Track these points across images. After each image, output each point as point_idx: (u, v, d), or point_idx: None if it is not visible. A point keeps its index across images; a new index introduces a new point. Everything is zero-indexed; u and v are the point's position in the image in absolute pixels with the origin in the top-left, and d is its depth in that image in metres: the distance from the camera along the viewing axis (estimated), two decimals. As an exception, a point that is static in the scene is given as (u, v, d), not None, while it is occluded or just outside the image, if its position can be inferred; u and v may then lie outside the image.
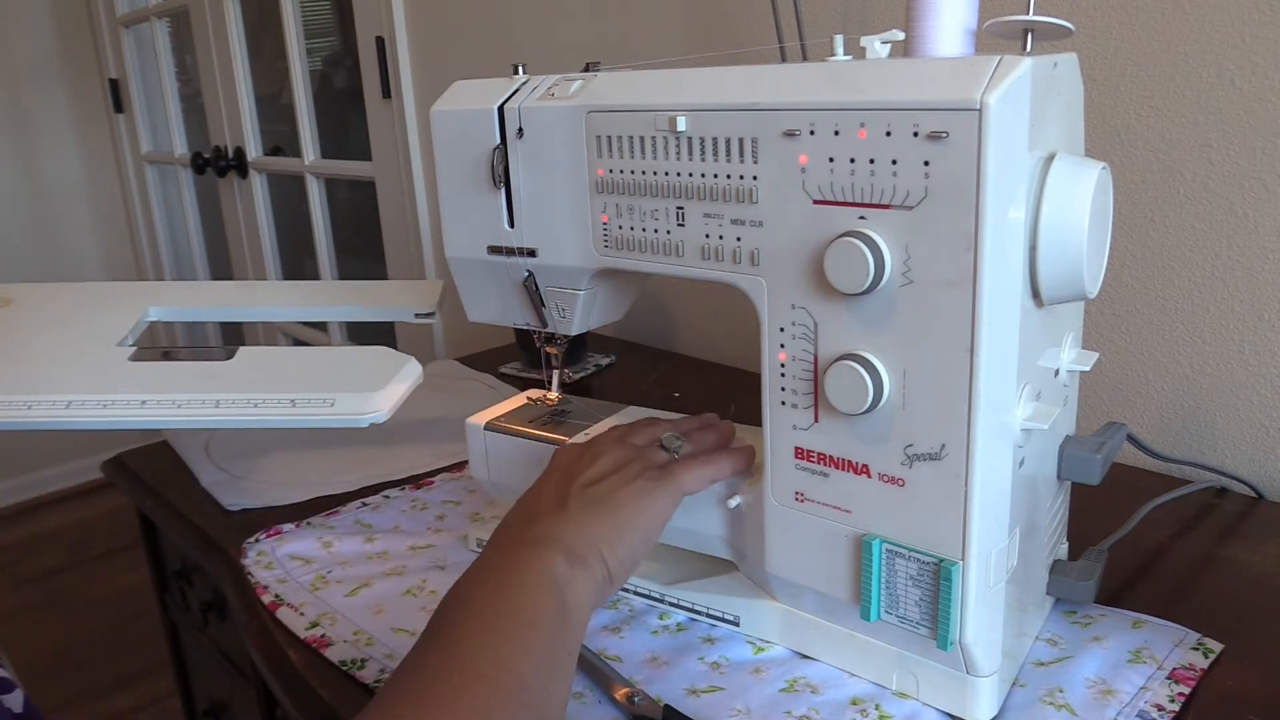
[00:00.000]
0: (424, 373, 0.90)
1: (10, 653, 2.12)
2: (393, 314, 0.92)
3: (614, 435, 0.61)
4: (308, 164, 2.06)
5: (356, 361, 0.78)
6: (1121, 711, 0.54)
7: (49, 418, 0.70)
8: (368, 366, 0.76)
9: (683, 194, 0.56)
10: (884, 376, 0.50)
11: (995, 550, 0.51)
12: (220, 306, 0.93)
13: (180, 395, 0.71)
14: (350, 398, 0.71)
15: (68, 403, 0.71)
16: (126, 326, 0.85)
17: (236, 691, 1.05)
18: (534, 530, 0.52)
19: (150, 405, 0.71)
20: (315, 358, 0.79)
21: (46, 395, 0.72)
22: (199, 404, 0.70)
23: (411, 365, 0.76)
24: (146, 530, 1.15)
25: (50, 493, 3.06)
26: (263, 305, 0.94)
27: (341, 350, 0.79)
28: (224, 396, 0.71)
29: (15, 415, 0.71)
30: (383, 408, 0.71)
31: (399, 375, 0.75)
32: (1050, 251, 0.49)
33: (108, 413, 0.70)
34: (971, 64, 0.46)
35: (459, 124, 0.66)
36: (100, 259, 3.09)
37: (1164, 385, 0.86)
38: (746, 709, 0.57)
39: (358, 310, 0.92)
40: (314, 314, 0.96)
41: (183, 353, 0.80)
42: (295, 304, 0.94)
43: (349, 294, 0.95)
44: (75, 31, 2.93)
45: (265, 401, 0.71)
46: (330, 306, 0.94)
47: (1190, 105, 0.80)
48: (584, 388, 1.16)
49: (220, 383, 0.73)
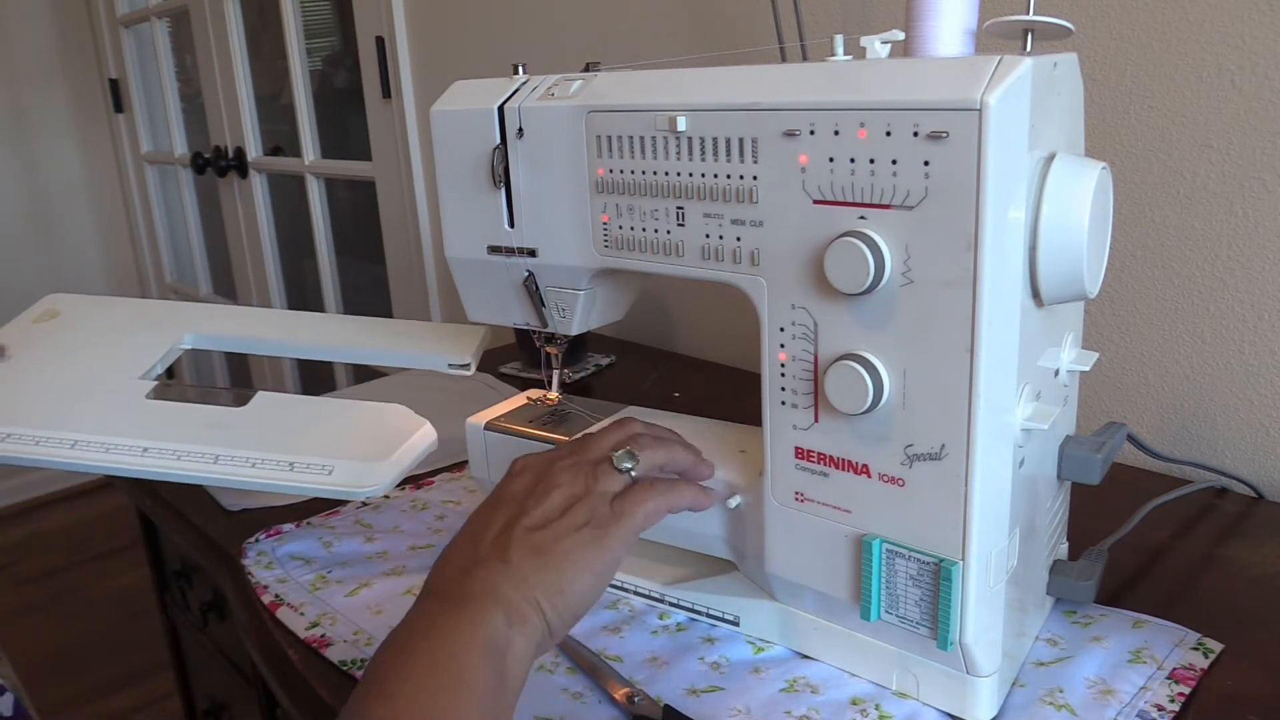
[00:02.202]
0: (424, 372, 0.89)
1: (10, 653, 2.12)
2: (426, 360, 0.87)
3: (570, 452, 0.57)
4: (308, 164, 2.06)
5: (370, 421, 0.75)
6: (1121, 711, 0.54)
7: (53, 456, 0.72)
8: (380, 428, 0.74)
9: (683, 194, 0.56)
10: (884, 376, 0.50)
11: (995, 550, 0.51)
12: (254, 338, 0.91)
13: (181, 446, 0.72)
14: (351, 466, 0.69)
15: (73, 443, 0.72)
16: (158, 353, 0.85)
17: (236, 691, 1.05)
18: (474, 582, 0.49)
19: (150, 454, 0.71)
20: (328, 412, 0.77)
21: (55, 432, 0.73)
22: (198, 457, 0.71)
23: (425, 431, 0.73)
24: (146, 530, 1.15)
25: (50, 493, 3.06)
26: (298, 340, 0.91)
27: (357, 406, 0.77)
28: (223, 452, 0.71)
29: (23, 451, 0.72)
30: (383, 481, 0.69)
31: (410, 441, 0.72)
32: (1050, 251, 0.49)
33: (109, 457, 0.71)
34: (971, 64, 0.46)
35: (459, 124, 0.66)
36: (100, 259, 3.09)
37: (1164, 385, 0.86)
38: (746, 709, 0.57)
39: (392, 355, 0.88)
40: (348, 355, 0.93)
41: (199, 393, 0.79)
42: (330, 342, 0.91)
43: (385, 334, 0.91)
44: (75, 31, 2.94)
45: (263, 462, 0.70)
46: (363, 349, 0.90)
47: (1190, 105, 0.80)
48: (584, 388, 1.16)
49: (225, 434, 0.73)
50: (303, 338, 0.91)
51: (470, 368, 0.86)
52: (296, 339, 0.91)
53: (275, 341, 0.91)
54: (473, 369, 0.86)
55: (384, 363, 0.89)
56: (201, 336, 0.89)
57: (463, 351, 0.86)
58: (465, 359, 0.86)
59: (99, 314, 0.92)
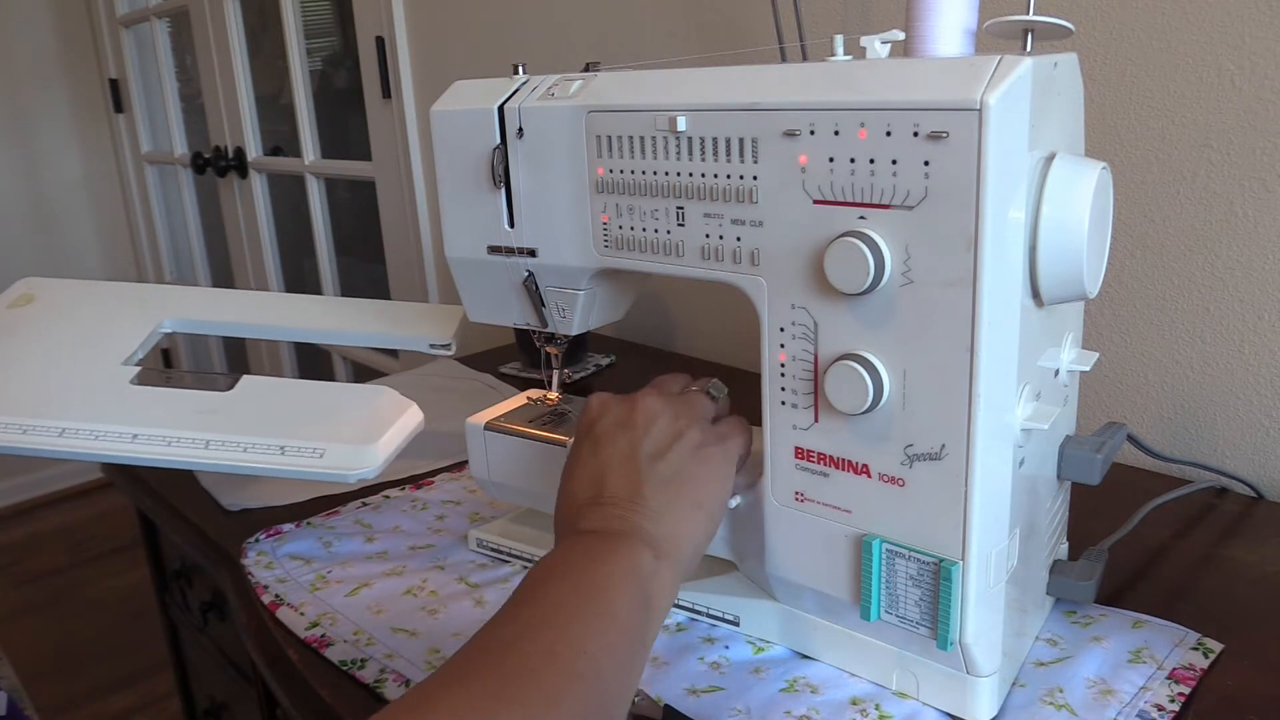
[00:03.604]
0: (424, 371, 0.89)
1: (10, 653, 2.12)
2: (408, 342, 0.88)
3: (650, 390, 0.58)
4: (308, 164, 2.06)
5: (357, 403, 0.76)
6: (1121, 711, 0.54)
7: (42, 445, 0.71)
8: (367, 411, 0.74)
9: (683, 194, 0.56)
10: (884, 376, 0.50)
11: (995, 550, 0.51)
12: (234, 321, 0.91)
13: (171, 432, 0.71)
14: (342, 449, 0.70)
15: (61, 430, 0.72)
16: (139, 338, 0.84)
17: (236, 691, 1.05)
18: (611, 516, 0.50)
19: (140, 440, 0.71)
20: (315, 395, 0.77)
21: (43, 420, 0.72)
22: (189, 443, 0.70)
23: (412, 413, 0.74)
24: (146, 530, 1.15)
25: (50, 493, 3.06)
26: (277, 322, 0.91)
27: (344, 389, 0.77)
28: (214, 438, 0.71)
29: (10, 440, 0.72)
30: (374, 463, 0.69)
31: (398, 423, 0.73)
32: (1050, 251, 0.49)
33: (99, 444, 0.71)
34: (971, 64, 0.46)
35: (459, 124, 0.66)
36: (100, 259, 3.09)
37: (1164, 385, 0.86)
38: (746, 709, 0.57)
39: (372, 336, 0.89)
40: (328, 337, 0.93)
41: (185, 378, 0.78)
42: (310, 324, 0.91)
43: (365, 315, 0.91)
44: (75, 31, 2.94)
45: (254, 447, 0.70)
46: (344, 330, 0.91)
47: (1190, 105, 0.80)
48: (584, 388, 1.16)
49: (215, 419, 0.72)
50: (284, 321, 0.91)
51: (451, 348, 0.86)
52: (276, 321, 0.91)
53: (256, 325, 0.90)
54: (454, 349, 0.86)
55: (365, 344, 0.89)
56: (181, 321, 0.89)
57: (443, 332, 0.87)
58: (446, 339, 0.87)
59: (75, 298, 0.91)
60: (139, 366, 0.80)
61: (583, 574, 0.47)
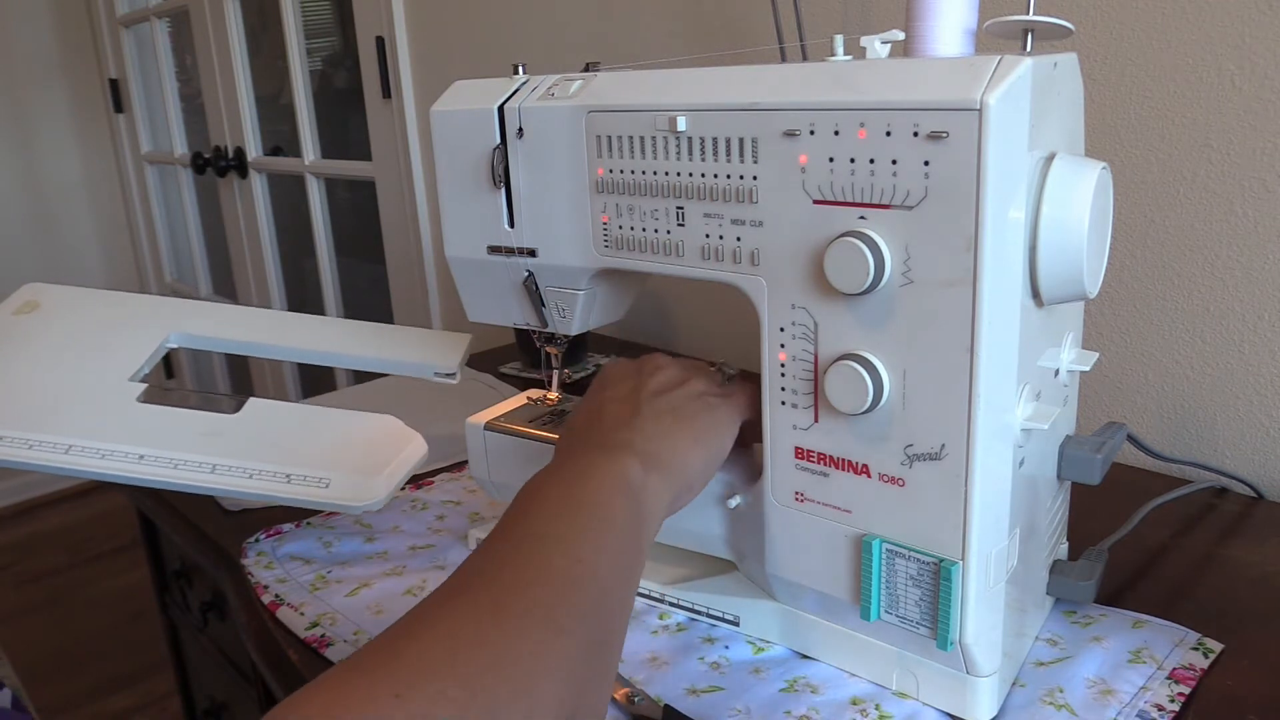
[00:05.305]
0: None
1: (10, 653, 2.12)
2: (412, 368, 0.87)
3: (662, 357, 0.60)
4: (308, 164, 2.06)
5: (362, 431, 0.76)
6: (1121, 711, 0.54)
7: (47, 461, 0.71)
8: (372, 440, 0.74)
9: (683, 194, 0.56)
10: (884, 376, 0.50)
11: (995, 550, 0.51)
12: (240, 340, 0.90)
13: (178, 454, 0.71)
14: (346, 479, 0.70)
15: (67, 447, 0.71)
16: (145, 353, 0.83)
17: (236, 691, 1.06)
18: (605, 436, 0.51)
19: (147, 461, 0.71)
20: (322, 421, 0.77)
21: (49, 435, 0.72)
22: (195, 466, 0.70)
23: (417, 444, 0.74)
24: (146, 530, 1.15)
25: (50, 493, 3.06)
26: (282, 342, 0.90)
27: (350, 416, 0.77)
28: (220, 462, 0.71)
29: (16, 454, 0.72)
30: (379, 495, 0.69)
31: (403, 455, 0.73)
32: (1050, 251, 0.49)
33: (104, 463, 0.71)
34: (971, 64, 0.46)
35: (459, 124, 0.66)
36: (100, 259, 3.09)
37: (1164, 385, 0.86)
38: (746, 709, 0.57)
39: (377, 361, 0.88)
40: (333, 360, 0.93)
41: (190, 397, 0.78)
42: (315, 345, 0.91)
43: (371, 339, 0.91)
44: (75, 31, 2.94)
45: (260, 473, 0.70)
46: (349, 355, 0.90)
47: (1190, 105, 0.80)
48: (584, 388, 1.15)
49: (221, 442, 0.72)
50: (289, 341, 0.91)
51: (455, 377, 0.86)
52: (283, 342, 0.90)
53: (261, 344, 0.90)
54: (458, 378, 0.86)
55: (370, 368, 0.89)
56: (187, 336, 0.89)
57: (449, 360, 0.87)
58: (451, 368, 0.86)
59: (81, 307, 0.91)
60: (145, 383, 0.80)
61: (572, 486, 0.48)
